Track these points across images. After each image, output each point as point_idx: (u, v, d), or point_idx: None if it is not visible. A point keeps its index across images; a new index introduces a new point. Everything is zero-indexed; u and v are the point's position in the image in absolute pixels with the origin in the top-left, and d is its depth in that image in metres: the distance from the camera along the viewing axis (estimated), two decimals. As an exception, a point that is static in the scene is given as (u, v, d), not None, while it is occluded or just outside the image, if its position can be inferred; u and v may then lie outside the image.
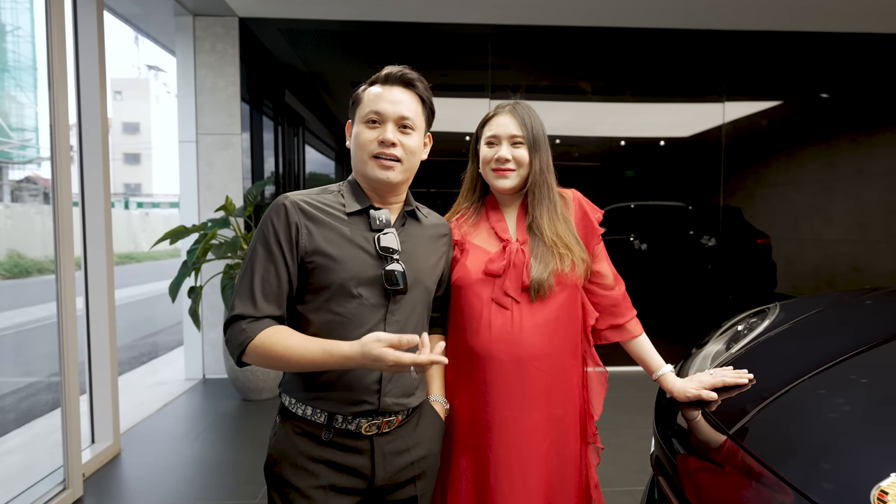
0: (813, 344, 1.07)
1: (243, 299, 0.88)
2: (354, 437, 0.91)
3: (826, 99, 4.11)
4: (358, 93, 0.98)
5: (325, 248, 0.90)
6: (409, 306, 0.96)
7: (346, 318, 0.90)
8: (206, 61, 3.59)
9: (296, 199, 0.92)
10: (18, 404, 3.68)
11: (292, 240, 0.90)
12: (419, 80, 0.98)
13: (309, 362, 0.85)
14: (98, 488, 2.19)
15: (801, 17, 3.60)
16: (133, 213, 21.35)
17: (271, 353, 0.85)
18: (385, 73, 0.97)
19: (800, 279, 4.24)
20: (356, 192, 0.97)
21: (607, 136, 4.09)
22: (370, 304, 0.91)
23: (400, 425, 0.96)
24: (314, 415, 0.91)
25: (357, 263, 0.91)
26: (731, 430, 0.83)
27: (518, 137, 1.08)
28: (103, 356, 2.47)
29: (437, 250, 1.05)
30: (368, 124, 0.94)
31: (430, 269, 1.02)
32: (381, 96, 0.94)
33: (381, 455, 0.92)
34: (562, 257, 1.05)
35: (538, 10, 3.54)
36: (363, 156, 0.94)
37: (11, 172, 14.82)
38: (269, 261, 0.89)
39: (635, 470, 2.25)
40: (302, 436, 0.91)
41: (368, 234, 0.94)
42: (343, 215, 0.94)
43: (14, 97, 11.71)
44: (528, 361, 1.03)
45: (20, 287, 8.79)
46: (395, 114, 0.93)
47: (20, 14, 10.81)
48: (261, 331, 0.86)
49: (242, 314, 0.87)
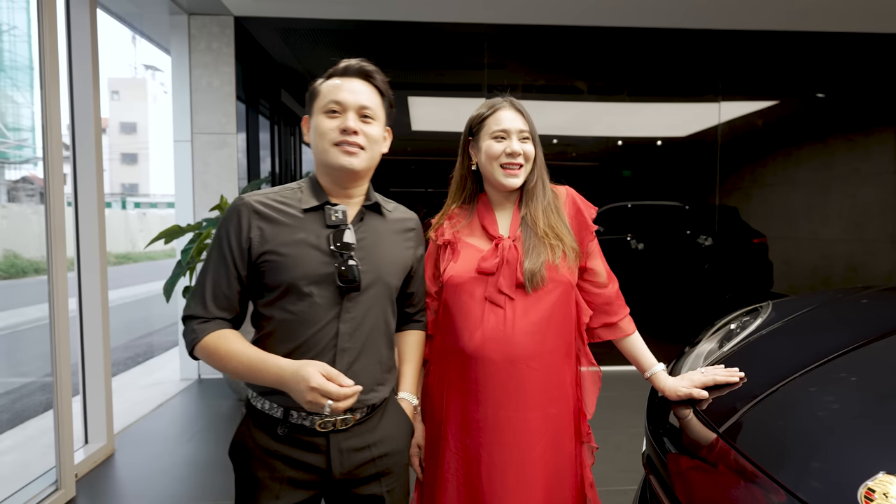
0: (804, 342, 1.06)
1: (196, 301, 0.91)
2: (309, 434, 0.91)
3: (822, 99, 4.12)
4: (315, 86, 0.97)
5: (276, 248, 0.90)
6: (367, 304, 0.94)
7: (298, 317, 0.90)
8: (202, 60, 3.58)
9: (251, 200, 0.93)
10: (12, 405, 3.66)
11: (242, 244, 0.91)
12: (377, 72, 0.98)
13: (245, 370, 0.87)
14: (91, 489, 2.18)
15: (797, 16, 3.61)
16: (130, 213, 21.30)
17: (214, 356, 0.88)
18: (343, 66, 0.97)
19: (796, 279, 4.25)
20: (314, 188, 0.97)
21: (604, 136, 4.10)
22: (323, 302, 0.91)
23: (359, 422, 0.94)
24: (271, 409, 0.92)
25: (308, 261, 0.90)
26: (721, 429, 0.83)
27: (525, 132, 1.09)
28: (97, 356, 2.46)
29: (401, 245, 1.03)
30: (329, 114, 0.93)
31: (393, 264, 1.00)
32: (340, 87, 0.94)
33: (338, 451, 0.92)
34: (553, 248, 1.05)
35: (535, 10, 3.54)
36: (324, 145, 0.93)
37: (8, 172, 14.78)
38: (221, 265, 0.91)
39: (629, 469, 2.25)
40: (260, 429, 0.92)
41: (323, 230, 0.93)
42: (298, 213, 0.94)
43: (10, 97, 11.68)
44: (521, 361, 1.02)
45: (16, 287, 8.76)
46: (355, 103, 0.93)
47: (16, 13, 10.78)
48: (209, 332, 0.89)
49: (193, 315, 0.91)
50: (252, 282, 0.93)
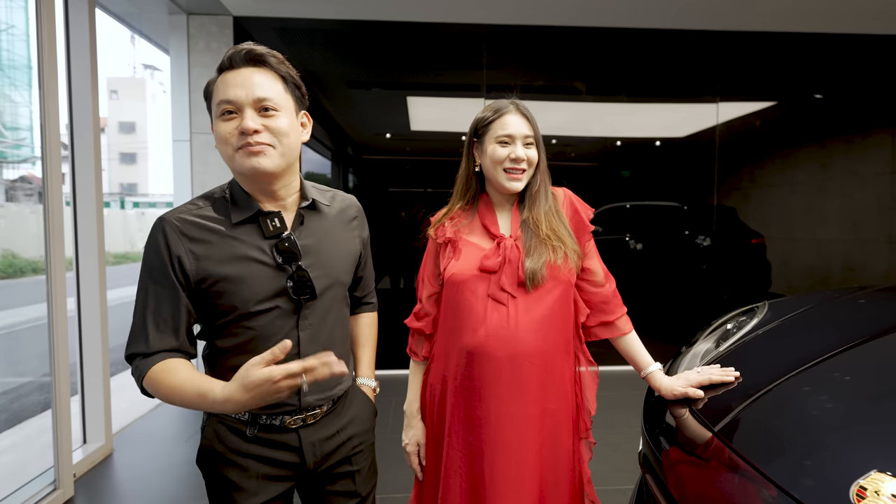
0: (799, 342, 1.07)
1: (136, 336, 0.83)
2: (280, 431, 0.89)
3: (820, 100, 4.13)
4: (208, 85, 0.86)
5: (216, 270, 0.82)
6: (324, 308, 0.91)
7: (258, 333, 0.85)
8: (201, 60, 3.58)
9: (174, 220, 0.83)
10: (10, 405, 3.66)
11: (176, 269, 0.81)
12: (270, 54, 0.85)
13: (189, 405, 0.78)
14: (89, 489, 2.18)
15: (795, 18, 3.62)
16: (129, 213, 21.27)
17: (158, 392, 0.80)
18: (229, 55, 0.83)
19: (794, 279, 4.26)
20: (240, 198, 0.86)
21: (602, 137, 4.10)
22: (280, 315, 0.86)
23: (325, 414, 0.94)
24: (237, 413, 0.88)
25: (256, 279, 0.83)
26: (716, 428, 0.84)
27: (530, 137, 1.10)
28: (95, 356, 2.46)
29: (347, 236, 0.98)
30: (224, 117, 0.82)
31: (343, 261, 0.95)
32: (227, 83, 0.81)
33: (309, 444, 0.91)
34: (555, 249, 1.06)
35: (533, 10, 3.54)
36: (228, 151, 0.82)
37: (6, 171, 14.77)
38: (156, 292, 0.82)
39: (627, 468, 2.25)
40: (228, 432, 0.89)
41: (263, 242, 0.85)
42: (229, 228, 0.84)
43: (8, 96, 11.67)
44: (523, 357, 1.03)
45: (14, 287, 8.75)
46: (248, 97, 0.81)
47: (14, 13, 10.77)
48: (151, 367, 0.80)
49: (135, 352, 0.82)
50: (199, 305, 0.85)
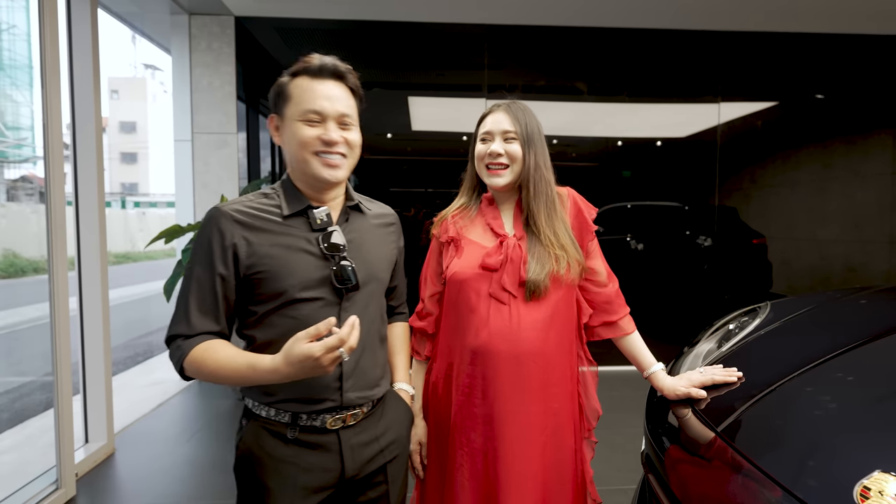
0: (801, 342, 1.07)
1: (179, 318, 0.87)
2: (320, 433, 0.90)
3: (821, 100, 4.13)
4: (284, 84, 0.91)
5: (267, 258, 0.87)
6: (363, 302, 0.95)
7: (301, 321, 0.87)
8: (202, 60, 3.58)
9: (229, 210, 0.89)
10: (12, 404, 3.67)
11: (227, 255, 0.87)
12: (350, 72, 0.94)
13: (237, 378, 0.83)
14: (91, 488, 2.19)
15: (797, 18, 3.62)
16: (130, 213, 21.28)
17: (203, 369, 0.84)
18: (318, 66, 0.90)
19: (795, 279, 4.26)
20: (292, 193, 0.93)
21: (604, 137, 4.10)
22: (323, 305, 0.90)
23: (365, 417, 0.95)
24: (278, 415, 0.90)
25: (302, 268, 0.89)
26: (718, 428, 0.84)
27: (511, 133, 1.09)
28: (97, 356, 2.46)
29: (386, 240, 1.04)
30: (309, 123, 0.89)
31: (382, 260, 1.01)
32: (316, 93, 0.89)
33: (349, 448, 0.92)
34: (558, 259, 1.05)
35: (534, 10, 3.54)
36: (304, 154, 0.89)
37: (7, 171, 14.78)
38: (204, 278, 0.87)
39: (629, 468, 2.25)
40: (268, 436, 0.90)
41: (310, 234, 0.91)
42: (280, 219, 0.91)
43: (10, 96, 11.67)
44: (525, 356, 1.03)
45: (16, 287, 8.75)
46: (335, 112, 0.89)
47: (16, 12, 10.77)
48: (193, 347, 0.85)
49: (177, 333, 0.86)
50: (242, 295, 0.90)
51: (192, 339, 0.86)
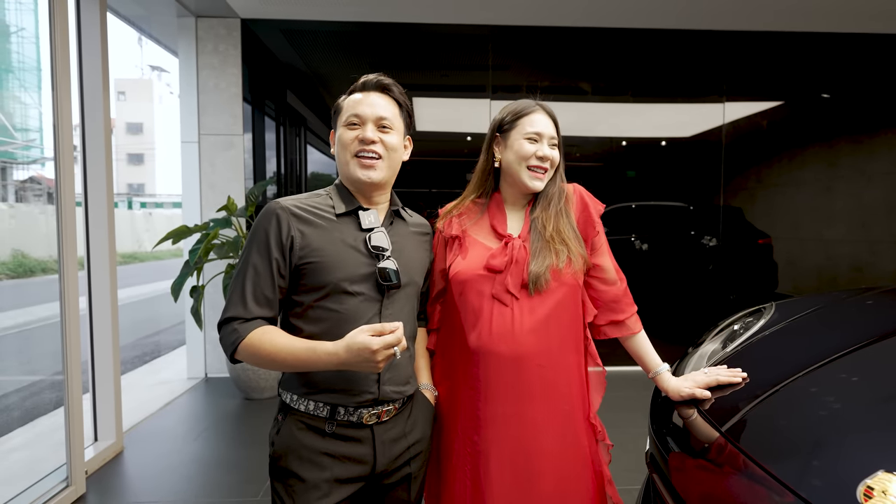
0: (806, 342, 1.07)
1: (235, 302, 0.93)
2: (356, 427, 0.96)
3: (827, 99, 4.11)
4: (339, 102, 1.04)
5: (319, 250, 0.94)
6: (402, 301, 1.01)
7: (343, 315, 0.94)
8: (209, 62, 3.61)
9: (287, 204, 0.97)
10: (23, 402, 3.71)
11: (284, 245, 0.94)
12: (394, 84, 1.04)
13: (295, 360, 0.89)
14: (101, 486, 2.21)
15: (802, 17, 3.60)
16: (136, 213, 21.42)
17: (260, 352, 0.89)
18: (362, 81, 1.02)
19: (801, 279, 4.23)
20: (344, 195, 1.02)
21: (608, 137, 4.10)
22: (366, 300, 0.96)
23: (397, 413, 1.01)
24: (316, 409, 0.95)
25: (350, 263, 0.95)
26: (723, 428, 0.84)
27: (555, 139, 1.12)
28: (106, 355, 2.49)
29: (422, 247, 1.11)
30: (349, 127, 0.99)
31: (418, 265, 1.08)
32: (360, 101, 1.00)
33: (381, 443, 0.97)
34: (558, 253, 1.05)
35: (538, 11, 3.55)
36: (346, 156, 0.99)
37: (16, 172, 14.92)
38: (261, 265, 0.93)
39: (634, 469, 2.25)
40: (306, 430, 0.95)
41: (358, 233, 0.99)
42: (333, 217, 0.99)
43: (18, 98, 11.78)
44: (527, 358, 1.03)
45: (24, 287, 8.84)
46: (373, 115, 0.99)
47: (24, 15, 10.87)
48: (251, 331, 0.90)
49: (234, 316, 0.92)
50: (291, 285, 0.96)
51: (249, 322, 0.91)
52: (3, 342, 5.38)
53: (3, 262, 9.69)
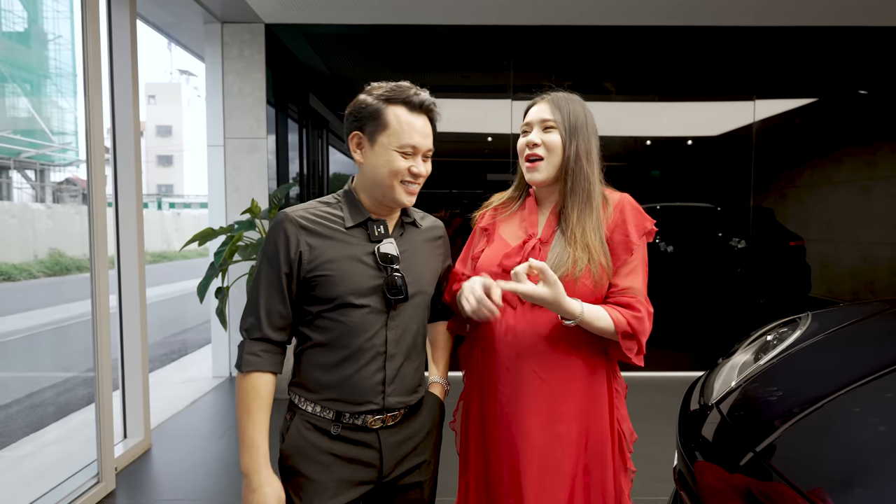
0: (847, 357, 1.02)
1: (251, 315, 0.96)
2: (362, 431, 0.96)
3: (864, 96, 3.93)
4: (378, 109, 0.95)
5: (327, 263, 0.94)
6: (410, 312, 1.00)
7: (349, 327, 0.94)
8: (234, 67, 3.68)
9: (295, 216, 0.96)
10: (57, 398, 3.85)
11: (292, 259, 0.94)
12: (436, 105, 1.00)
13: (241, 430, 0.93)
14: (130, 482, 2.27)
15: (835, 11, 3.46)
16: (165, 214, 22.04)
17: (242, 395, 0.94)
18: (418, 102, 0.96)
19: (835, 283, 4.07)
20: (354, 205, 1.00)
21: (632, 136, 4.01)
22: (373, 312, 0.95)
23: (402, 418, 1.00)
24: (323, 411, 0.96)
25: (358, 275, 0.95)
26: (757, 448, 0.80)
27: (550, 122, 1.02)
28: (135, 353, 2.55)
29: (434, 252, 1.09)
30: (404, 155, 0.95)
31: (430, 273, 1.05)
32: (414, 128, 0.95)
33: (388, 446, 0.97)
34: (576, 261, 0.96)
35: (560, 11, 3.49)
36: (392, 181, 0.96)
37: (53, 174, 15.51)
38: (274, 281, 0.94)
39: (660, 479, 2.19)
40: (313, 430, 0.96)
41: (368, 245, 0.98)
42: (342, 228, 0.98)
43: (56, 103, 12.25)
44: (526, 362, 0.98)
45: (61, 284, 9.18)
46: (426, 147, 0.98)
47: (61, 23, 11.29)
48: (253, 371, 0.94)
49: (250, 329, 0.96)
50: (300, 295, 0.97)
51: (258, 357, 0.94)
52: (40, 338, 5.60)
53: (42, 261, 10.08)
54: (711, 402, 1.07)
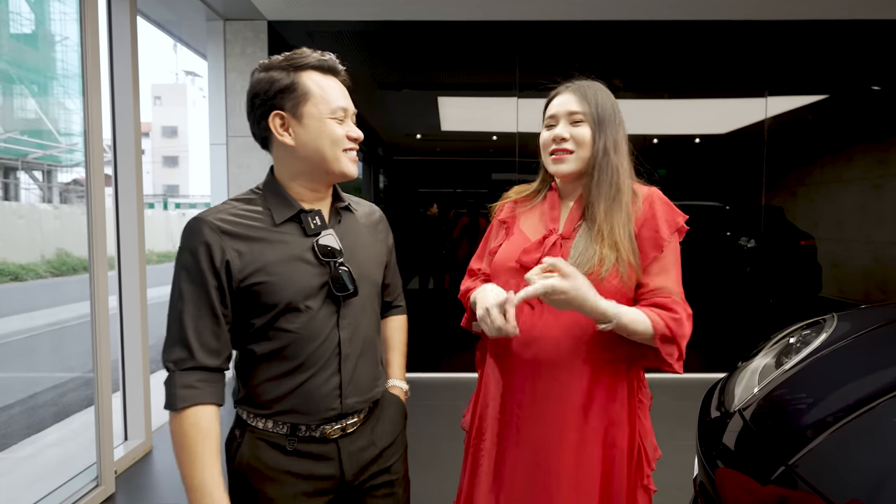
0: (882, 362, 0.95)
1: (176, 344, 0.80)
2: (319, 443, 0.88)
3: (877, 92, 3.85)
4: (289, 80, 0.85)
5: (263, 269, 0.82)
6: (360, 306, 0.91)
7: (298, 334, 0.84)
8: (236, 65, 3.64)
9: (213, 219, 0.82)
10: (60, 398, 3.83)
11: (219, 269, 0.81)
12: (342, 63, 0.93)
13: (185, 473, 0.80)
14: (129, 485, 2.23)
15: (847, 5, 3.38)
16: (171, 214, 22.13)
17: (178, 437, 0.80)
18: (329, 64, 0.89)
19: (846, 283, 3.99)
20: (281, 198, 0.88)
21: (639, 134, 3.95)
22: (321, 314, 0.86)
23: (362, 423, 0.93)
24: (276, 427, 0.86)
25: (300, 276, 0.84)
26: (789, 461, 0.74)
27: (578, 114, 0.96)
28: (135, 354, 2.52)
29: (375, 238, 1.00)
30: (337, 121, 0.87)
31: (374, 260, 0.97)
32: (336, 90, 0.88)
33: (347, 455, 0.90)
34: (602, 260, 0.89)
35: (566, 6, 3.44)
36: (335, 152, 0.86)
37: (60, 175, 15.62)
38: (200, 297, 0.80)
39: (675, 486, 2.13)
40: (266, 447, 0.86)
41: (305, 240, 0.87)
42: (270, 227, 0.86)
43: (62, 104, 12.31)
44: (542, 364, 0.93)
45: (68, 284, 9.21)
46: (352, 108, 0.90)
47: (68, 24, 11.35)
48: (191, 406, 0.79)
49: (178, 360, 0.80)
50: (238, 308, 0.84)
51: (193, 390, 0.80)
52: (43, 339, 5.60)
53: (49, 261, 10.13)
54: (734, 408, 1.01)
